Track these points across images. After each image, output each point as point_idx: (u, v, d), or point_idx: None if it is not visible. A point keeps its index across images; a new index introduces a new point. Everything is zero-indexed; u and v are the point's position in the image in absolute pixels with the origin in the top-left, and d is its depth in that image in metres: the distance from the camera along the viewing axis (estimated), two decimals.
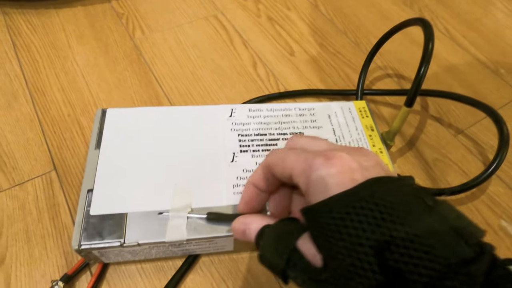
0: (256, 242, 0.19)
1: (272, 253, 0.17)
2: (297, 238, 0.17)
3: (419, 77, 0.27)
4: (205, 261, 0.28)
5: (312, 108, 0.32)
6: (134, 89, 0.38)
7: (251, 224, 0.20)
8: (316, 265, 0.16)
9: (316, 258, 0.16)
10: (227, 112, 0.31)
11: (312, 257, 0.16)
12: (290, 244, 0.17)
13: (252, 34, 0.45)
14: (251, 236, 0.20)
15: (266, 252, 0.18)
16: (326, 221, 0.15)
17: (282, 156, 0.19)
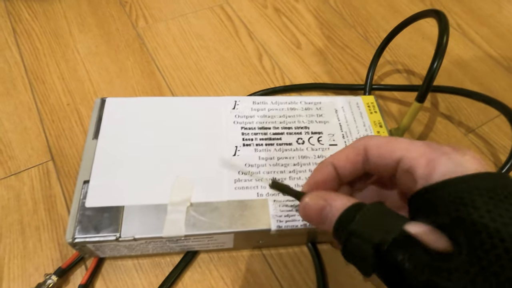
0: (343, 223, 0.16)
1: (373, 229, 0.14)
2: (403, 223, 0.14)
3: (432, 71, 0.26)
4: (203, 258, 0.27)
5: (319, 102, 0.31)
6: (135, 79, 0.37)
7: (334, 201, 0.16)
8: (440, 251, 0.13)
9: (438, 244, 0.13)
10: (230, 104, 0.30)
11: (433, 242, 0.13)
12: (397, 225, 0.14)
13: (258, 26, 0.43)
14: (332, 215, 0.16)
15: (364, 228, 0.15)
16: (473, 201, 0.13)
17: (386, 140, 0.17)
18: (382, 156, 0.17)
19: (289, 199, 0.25)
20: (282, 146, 0.28)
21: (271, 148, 0.28)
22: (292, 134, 0.29)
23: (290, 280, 0.27)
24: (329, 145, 0.28)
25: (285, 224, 0.24)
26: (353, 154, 0.18)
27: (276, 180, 0.21)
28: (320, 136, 0.29)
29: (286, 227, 0.24)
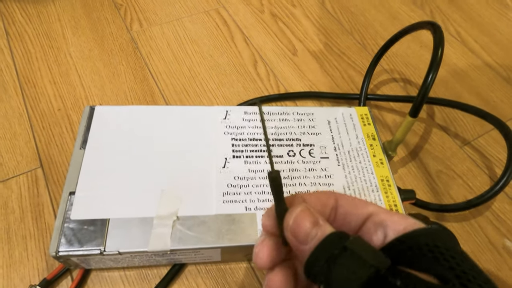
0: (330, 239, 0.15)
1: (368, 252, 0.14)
2: None
3: (426, 85, 0.25)
4: (191, 270, 0.27)
5: (312, 113, 0.31)
6: (128, 84, 0.36)
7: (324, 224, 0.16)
8: None
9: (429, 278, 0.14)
10: (221, 114, 0.29)
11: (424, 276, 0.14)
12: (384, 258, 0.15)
13: (254, 31, 0.43)
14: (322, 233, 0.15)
15: (360, 249, 0.15)
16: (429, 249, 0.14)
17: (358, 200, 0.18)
18: (356, 206, 0.17)
19: None
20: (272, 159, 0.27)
21: (261, 160, 0.27)
22: (283, 146, 0.28)
23: None
24: (320, 158, 0.28)
25: None
26: (324, 197, 0.18)
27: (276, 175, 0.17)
28: (312, 148, 0.28)
29: None
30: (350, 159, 0.28)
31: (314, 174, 0.27)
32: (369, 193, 0.27)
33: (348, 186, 0.27)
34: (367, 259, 0.14)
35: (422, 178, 0.33)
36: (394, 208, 0.26)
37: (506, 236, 0.30)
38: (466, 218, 0.31)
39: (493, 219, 0.31)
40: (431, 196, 0.32)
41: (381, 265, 0.14)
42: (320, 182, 0.27)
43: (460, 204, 0.29)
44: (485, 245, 0.30)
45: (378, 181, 0.27)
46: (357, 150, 0.29)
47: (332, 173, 0.27)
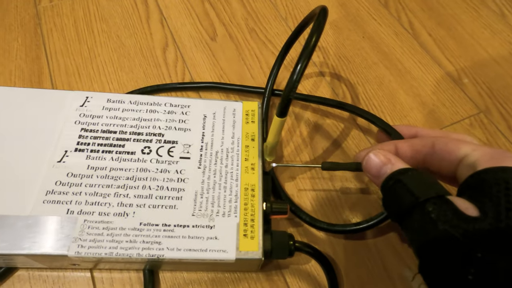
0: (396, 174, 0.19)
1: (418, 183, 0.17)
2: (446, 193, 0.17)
3: (293, 80, 0.21)
4: (21, 276, 0.24)
5: (187, 106, 0.27)
6: (17, 62, 0.33)
7: (396, 162, 0.19)
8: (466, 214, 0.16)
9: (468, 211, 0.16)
10: (79, 100, 0.26)
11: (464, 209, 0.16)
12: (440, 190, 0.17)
13: (174, 11, 0.39)
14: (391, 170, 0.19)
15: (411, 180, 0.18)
16: None
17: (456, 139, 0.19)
18: (449, 151, 0.19)
19: (103, 220, 0.21)
20: (121, 155, 0.24)
21: (107, 156, 0.24)
22: (140, 142, 0.25)
23: None
24: (180, 157, 0.24)
25: (87, 251, 0.20)
26: (419, 144, 0.21)
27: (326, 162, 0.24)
28: (173, 146, 0.25)
29: (87, 255, 0.20)
30: (215, 162, 0.24)
31: (166, 176, 0.23)
32: (224, 203, 0.23)
33: (201, 193, 0.23)
34: (412, 189, 0.17)
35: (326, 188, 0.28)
36: (250, 222, 0.22)
37: (407, 264, 0.26)
38: (363, 237, 0.27)
39: (396, 244, 0.27)
40: (333, 211, 0.27)
41: (423, 195, 0.17)
42: (169, 187, 0.23)
43: (347, 226, 0.25)
44: (380, 274, 0.25)
45: (241, 189, 0.23)
46: (227, 152, 0.25)
47: (188, 177, 0.23)
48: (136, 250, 0.21)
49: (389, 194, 0.19)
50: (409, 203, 0.17)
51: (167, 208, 0.22)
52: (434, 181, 0.18)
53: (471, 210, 0.16)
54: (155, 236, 0.21)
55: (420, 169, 0.19)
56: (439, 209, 0.16)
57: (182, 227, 0.21)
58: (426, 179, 0.18)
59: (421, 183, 0.17)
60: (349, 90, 0.35)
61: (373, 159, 0.20)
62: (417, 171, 0.18)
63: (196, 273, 0.24)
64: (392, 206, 0.19)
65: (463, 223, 0.15)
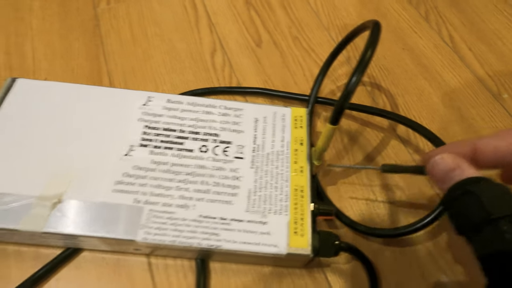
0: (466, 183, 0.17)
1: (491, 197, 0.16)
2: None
3: (347, 90, 0.22)
4: (86, 256, 0.26)
5: (240, 109, 0.28)
6: (78, 61, 0.36)
7: (467, 169, 0.18)
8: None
9: None
10: (142, 99, 0.28)
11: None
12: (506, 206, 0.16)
13: (222, 18, 0.41)
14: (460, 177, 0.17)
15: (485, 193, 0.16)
16: None
17: None
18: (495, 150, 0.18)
19: (167, 210, 0.23)
20: (181, 152, 0.26)
21: (168, 152, 0.26)
22: (198, 140, 0.27)
23: None
24: (234, 157, 0.26)
25: (153, 238, 0.22)
26: (505, 147, 0.18)
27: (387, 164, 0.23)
28: (228, 146, 0.26)
29: (153, 241, 0.22)
30: (267, 163, 0.26)
31: (221, 173, 0.25)
32: (276, 202, 0.24)
33: (254, 192, 0.25)
34: (485, 203, 0.16)
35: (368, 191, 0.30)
36: (300, 221, 0.24)
37: (444, 270, 0.27)
38: (401, 243, 0.28)
39: (433, 250, 0.28)
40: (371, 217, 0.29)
41: (497, 212, 0.15)
42: (225, 183, 0.25)
43: (386, 230, 0.26)
44: (418, 279, 0.26)
45: (291, 190, 0.25)
46: (277, 154, 0.26)
47: (242, 175, 0.25)
48: (197, 240, 0.22)
49: (456, 205, 0.17)
50: (480, 219, 0.16)
51: (224, 203, 0.24)
52: (510, 195, 0.16)
53: None
54: (213, 228, 0.23)
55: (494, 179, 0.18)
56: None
57: (237, 221, 0.23)
58: (501, 192, 0.16)
59: (495, 196, 0.16)
60: (389, 100, 0.36)
61: (440, 163, 0.18)
62: (491, 182, 0.17)
63: (244, 266, 0.26)
64: (460, 218, 0.17)
65: None
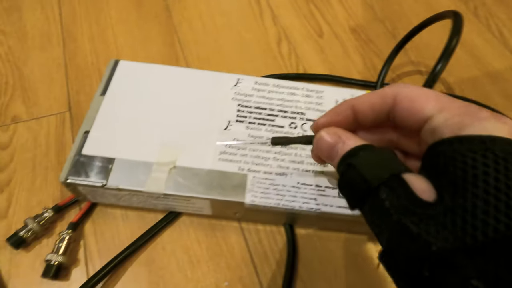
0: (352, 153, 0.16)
1: (370, 166, 0.15)
2: (404, 171, 0.15)
3: (434, 74, 0.25)
4: (184, 220, 0.29)
5: (321, 91, 0.31)
6: (156, 48, 0.39)
7: (348, 140, 0.17)
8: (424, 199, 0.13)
9: (426, 194, 0.13)
10: (232, 81, 0.31)
11: (421, 191, 0.14)
12: (396, 169, 0.15)
13: (284, 10, 0.43)
14: (343, 149, 0.17)
15: (363, 163, 0.15)
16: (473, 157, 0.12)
17: (425, 92, 0.16)
18: (412, 111, 0.16)
19: (268, 177, 0.26)
20: (273, 128, 0.29)
21: (262, 127, 0.28)
22: (287, 118, 0.29)
23: (262, 256, 0.28)
24: None
25: (259, 200, 0.25)
26: (379, 102, 0.17)
27: (275, 137, 0.23)
28: None
29: (259, 203, 0.25)
30: None
31: None
32: None
33: None
34: (364, 173, 0.15)
35: None
36: None
37: None
38: None
39: None
40: None
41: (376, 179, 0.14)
42: None
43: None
44: None
45: None
46: None
47: None
48: (298, 203, 0.25)
49: (341, 180, 0.17)
50: (362, 190, 0.15)
51: (317, 173, 0.27)
52: (389, 157, 0.16)
53: (428, 193, 0.13)
54: (310, 193, 0.26)
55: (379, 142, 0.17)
56: (393, 194, 0.14)
57: (331, 188, 0.26)
58: (381, 158, 0.15)
59: (374, 164, 0.15)
60: (446, 89, 0.38)
61: (322, 140, 0.18)
62: (371, 149, 0.16)
63: (329, 232, 0.29)
64: (347, 194, 0.17)
65: (421, 210, 0.13)
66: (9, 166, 0.30)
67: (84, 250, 0.27)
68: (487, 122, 0.13)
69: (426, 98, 0.15)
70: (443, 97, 0.15)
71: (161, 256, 0.27)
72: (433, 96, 0.15)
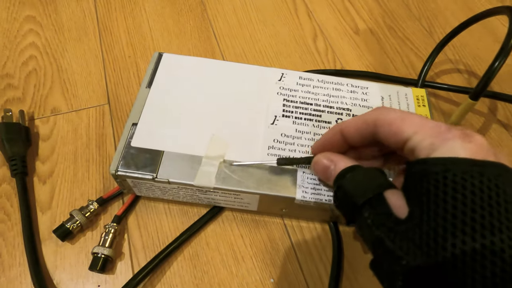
0: (341, 175, 0.19)
1: (356, 187, 0.17)
2: (386, 188, 0.17)
3: (492, 70, 0.24)
4: (228, 215, 0.29)
5: (366, 87, 0.31)
6: (192, 42, 0.39)
7: (339, 163, 0.20)
8: (398, 215, 0.15)
9: (400, 210, 0.15)
10: (277, 75, 0.30)
11: (397, 208, 0.16)
12: (378, 188, 0.17)
13: (318, 6, 0.43)
14: (335, 172, 0.19)
15: (349, 184, 0.18)
16: (436, 178, 0.14)
17: (400, 116, 0.17)
18: (391, 135, 0.17)
19: None
20: (320, 123, 0.28)
21: (309, 123, 0.28)
22: (333, 114, 0.29)
23: (307, 254, 0.27)
24: None
25: (310, 196, 0.25)
26: (363, 126, 0.19)
27: (280, 158, 0.25)
28: None
29: (310, 199, 0.25)
30: None
31: None
32: None
33: None
34: (352, 194, 0.17)
35: None
36: None
37: None
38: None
39: None
40: None
41: (361, 198, 0.17)
42: None
43: None
44: None
45: None
46: None
47: None
48: None
49: (335, 200, 0.19)
50: (350, 209, 0.17)
51: None
52: (374, 175, 0.18)
53: (402, 209, 0.15)
54: None
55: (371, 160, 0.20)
56: (375, 212, 0.16)
57: None
58: (366, 176, 0.18)
59: (359, 184, 0.17)
60: None
61: (317, 164, 0.21)
62: (358, 170, 0.18)
63: None
64: (341, 212, 0.19)
65: (395, 226, 0.15)
66: (51, 158, 0.30)
67: (128, 244, 0.27)
68: (453, 142, 0.15)
69: (401, 121, 0.17)
70: (416, 118, 0.17)
71: (205, 251, 0.27)
72: (408, 119, 0.17)
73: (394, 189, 0.17)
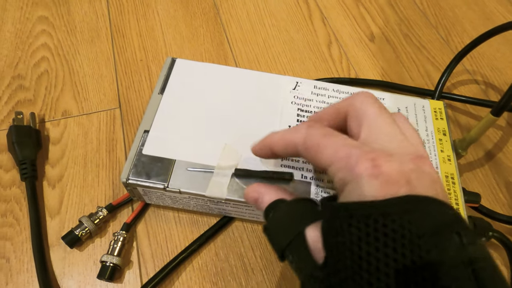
0: (266, 213, 0.18)
1: (278, 229, 0.17)
2: (309, 223, 0.16)
3: None
4: (238, 226, 0.28)
5: (382, 98, 0.30)
6: (205, 46, 0.38)
7: (265, 195, 0.19)
8: (316, 260, 0.15)
9: (319, 254, 0.15)
10: (291, 84, 0.30)
11: (316, 251, 0.15)
12: (299, 227, 0.16)
13: (333, 12, 0.42)
14: (262, 206, 0.19)
15: (272, 226, 0.17)
16: (341, 225, 0.14)
17: (322, 143, 0.17)
18: (315, 160, 0.17)
19: (331, 187, 0.25)
20: None
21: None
22: None
23: None
24: None
25: None
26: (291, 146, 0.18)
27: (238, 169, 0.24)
28: None
29: None
30: None
31: None
32: None
33: None
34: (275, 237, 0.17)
35: (489, 186, 0.31)
36: (455, 206, 0.25)
37: None
38: None
39: None
40: (495, 207, 0.30)
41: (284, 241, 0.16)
42: None
43: None
44: None
45: (442, 176, 0.26)
46: (424, 142, 0.28)
47: None
48: None
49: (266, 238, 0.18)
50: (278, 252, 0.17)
51: None
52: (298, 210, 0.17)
53: (320, 253, 0.15)
54: None
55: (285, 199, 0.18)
56: (298, 256, 0.15)
57: None
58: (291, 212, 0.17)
59: (281, 224, 0.17)
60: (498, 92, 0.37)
61: (248, 196, 0.20)
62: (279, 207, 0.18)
63: None
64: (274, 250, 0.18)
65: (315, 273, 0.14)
66: (61, 161, 0.30)
67: (137, 252, 0.27)
68: (361, 180, 0.14)
69: (323, 148, 0.16)
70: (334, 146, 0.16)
71: (215, 262, 0.27)
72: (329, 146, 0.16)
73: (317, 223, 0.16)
